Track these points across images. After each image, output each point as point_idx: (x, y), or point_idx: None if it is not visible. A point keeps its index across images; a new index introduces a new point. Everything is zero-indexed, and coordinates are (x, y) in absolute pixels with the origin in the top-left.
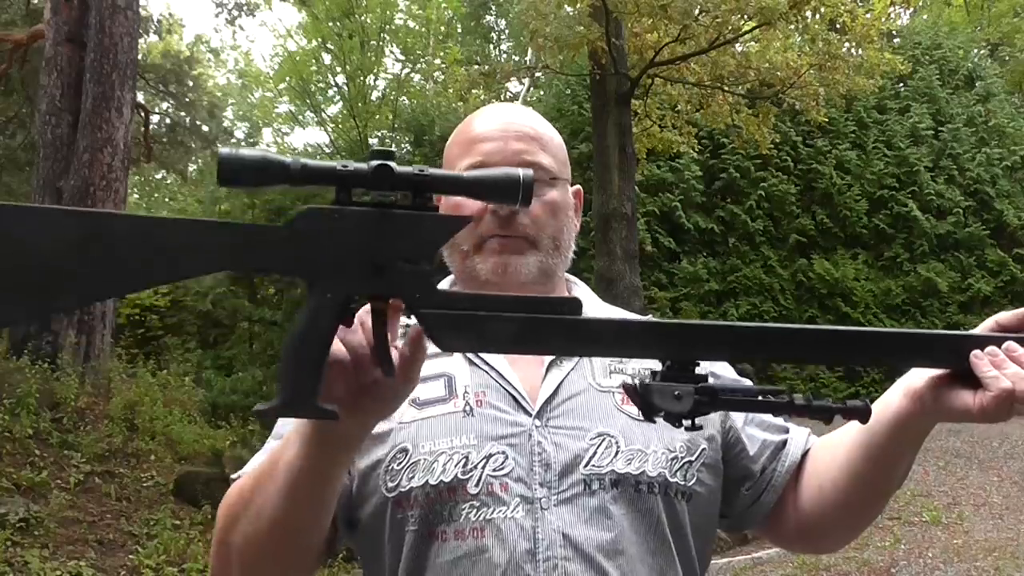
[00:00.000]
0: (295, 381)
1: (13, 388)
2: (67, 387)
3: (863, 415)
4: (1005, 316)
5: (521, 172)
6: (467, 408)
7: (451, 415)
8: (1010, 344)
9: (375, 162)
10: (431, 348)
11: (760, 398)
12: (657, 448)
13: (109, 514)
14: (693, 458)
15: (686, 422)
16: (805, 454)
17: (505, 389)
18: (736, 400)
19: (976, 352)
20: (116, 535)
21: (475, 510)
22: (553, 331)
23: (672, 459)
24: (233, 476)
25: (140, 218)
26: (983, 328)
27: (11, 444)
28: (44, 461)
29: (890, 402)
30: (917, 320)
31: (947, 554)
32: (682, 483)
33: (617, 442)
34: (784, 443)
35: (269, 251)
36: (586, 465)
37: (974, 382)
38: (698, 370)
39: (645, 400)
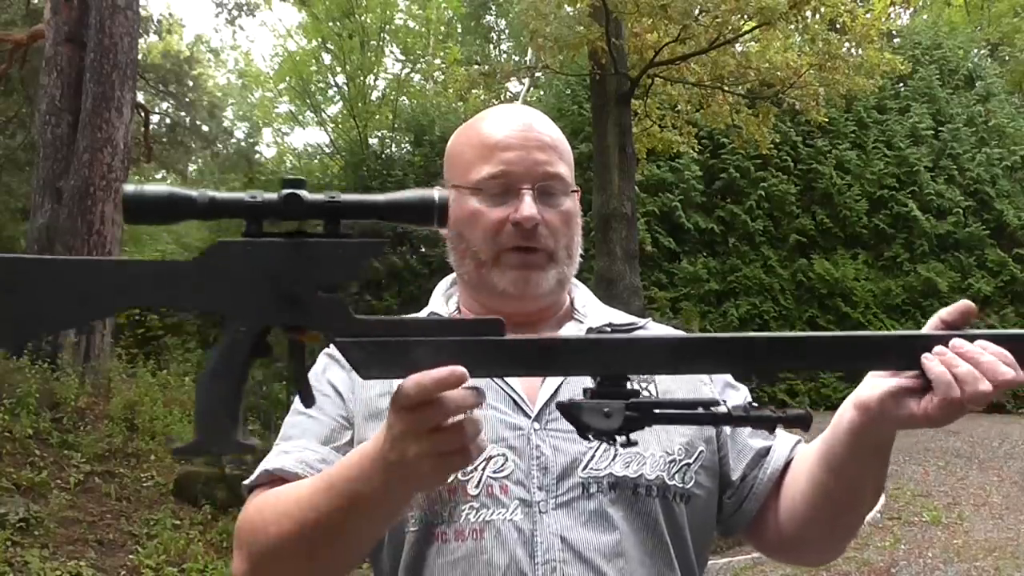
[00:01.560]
0: (213, 418)
1: (13, 388)
2: (67, 387)
3: (804, 423)
4: (948, 312)
5: (437, 194)
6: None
7: None
8: (956, 341)
9: (285, 191)
10: None
11: (699, 410)
12: (655, 451)
13: (109, 514)
14: (691, 460)
15: (620, 438)
16: (790, 463)
17: (505, 392)
18: (671, 414)
19: (926, 355)
20: (116, 535)
21: (475, 511)
22: (475, 353)
23: (670, 462)
24: (247, 482)
25: (51, 260)
26: (929, 327)
27: (11, 444)
28: (44, 461)
29: (842, 413)
30: (917, 320)
31: (947, 554)
32: (680, 485)
33: (615, 445)
34: (768, 450)
35: (179, 288)
36: (584, 468)
37: (923, 385)
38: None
39: (575, 419)
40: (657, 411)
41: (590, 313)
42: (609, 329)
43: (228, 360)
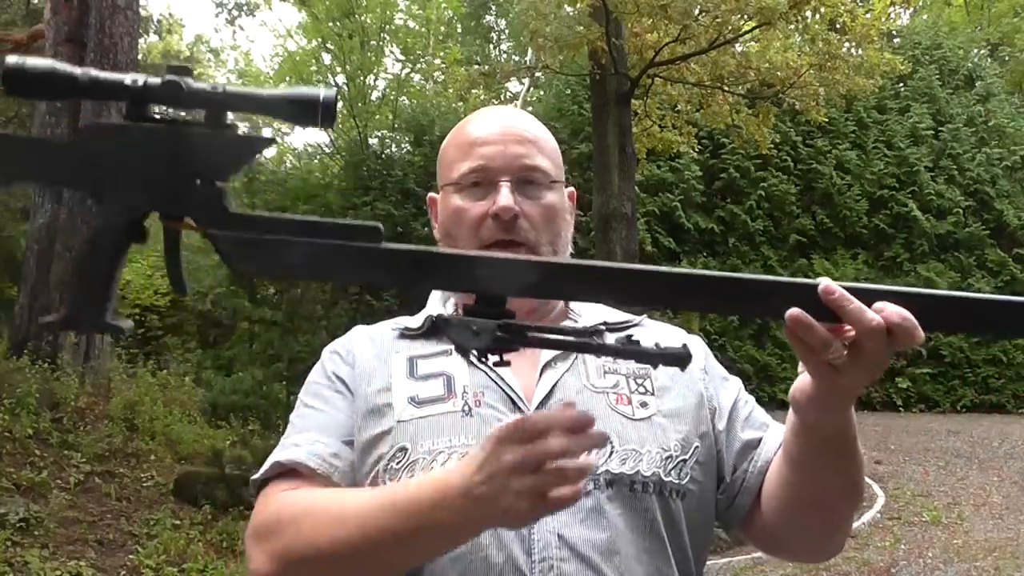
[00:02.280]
0: (81, 296)
1: (13, 388)
2: (67, 387)
3: (681, 361)
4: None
5: (322, 92)
6: (466, 408)
7: (450, 414)
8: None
9: (167, 76)
10: (430, 348)
11: (572, 338)
12: (651, 448)
13: (109, 514)
14: (687, 456)
15: (492, 357)
16: None
17: (503, 390)
18: (544, 339)
19: (826, 286)
20: (116, 535)
21: None
22: (349, 259)
23: (667, 458)
24: (256, 476)
25: None
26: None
27: (11, 444)
28: (44, 461)
29: (789, 413)
30: None
31: (947, 554)
32: (676, 481)
33: (611, 442)
34: (758, 442)
35: (54, 165)
36: None
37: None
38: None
39: (447, 335)
40: (530, 334)
41: (584, 312)
42: (604, 327)
43: (101, 242)
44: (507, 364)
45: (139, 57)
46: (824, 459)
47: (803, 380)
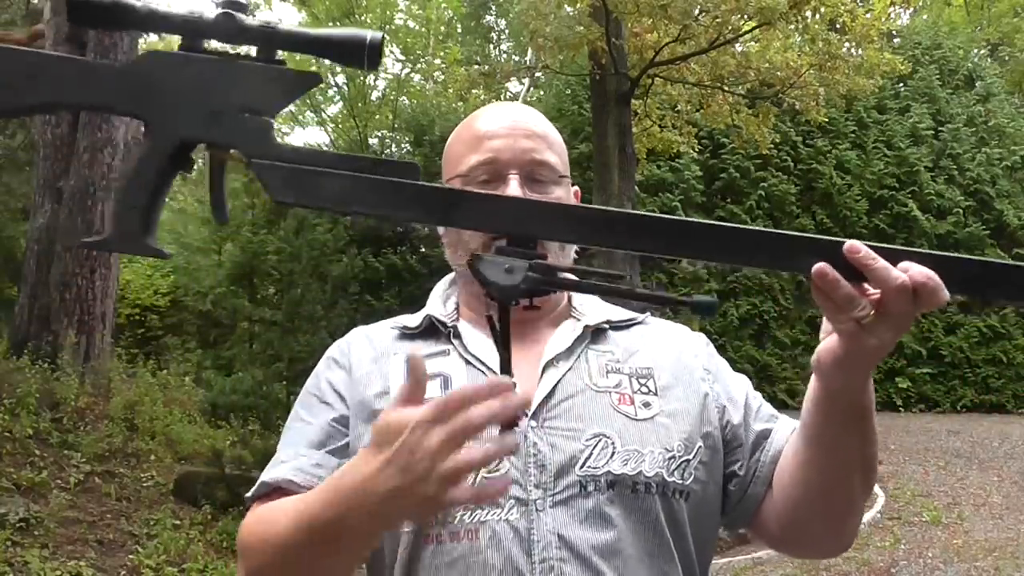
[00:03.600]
0: (126, 218)
1: (13, 388)
2: (67, 387)
3: (709, 309)
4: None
5: (370, 34)
6: None
7: None
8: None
9: (221, 10)
10: (428, 349)
11: (602, 282)
12: (654, 448)
13: (109, 514)
14: (691, 456)
15: (523, 301)
16: None
17: None
18: (574, 282)
19: (851, 244)
20: (116, 535)
21: (469, 512)
22: (386, 193)
23: (669, 458)
24: (248, 495)
25: None
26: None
27: (11, 444)
28: (44, 461)
29: (811, 381)
30: (917, 320)
31: (947, 554)
32: (680, 482)
33: (613, 443)
34: (769, 432)
35: (105, 88)
36: (582, 466)
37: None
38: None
39: (477, 272)
40: (561, 275)
41: (588, 311)
42: (607, 325)
43: (147, 166)
44: (537, 308)
45: None
46: (843, 431)
47: (829, 342)
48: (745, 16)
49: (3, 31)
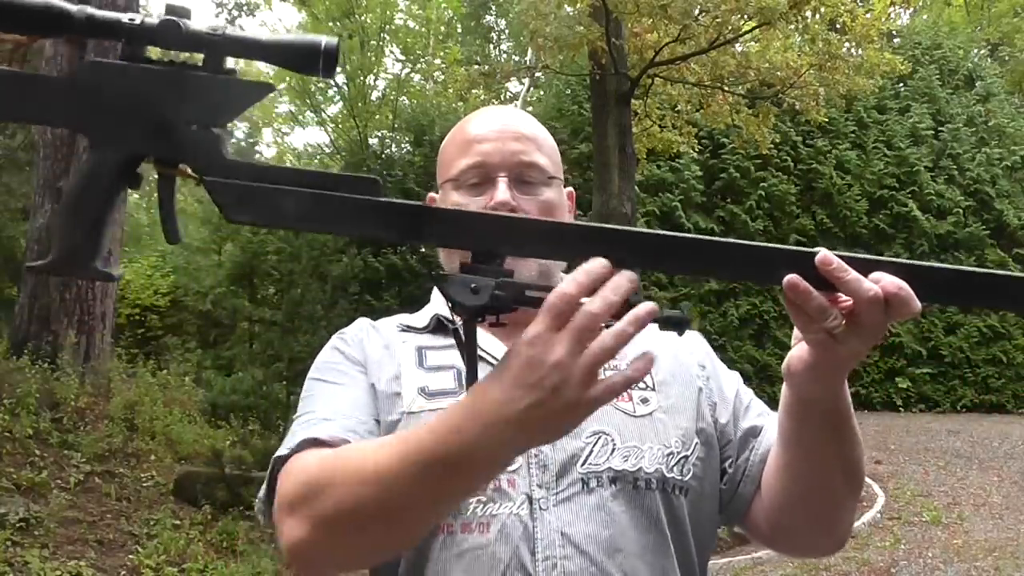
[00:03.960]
0: (72, 239)
1: (13, 388)
2: (67, 387)
3: (679, 325)
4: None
5: (324, 39)
6: None
7: None
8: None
9: (164, 16)
10: (442, 341)
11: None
12: (653, 444)
13: (109, 514)
14: (689, 452)
15: (490, 317)
16: None
17: None
18: (542, 299)
19: (823, 256)
20: (116, 535)
21: (482, 505)
22: (348, 210)
23: (668, 454)
24: (282, 452)
25: None
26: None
27: (11, 444)
28: (44, 461)
29: (783, 389)
30: (917, 320)
31: (947, 554)
32: (679, 478)
33: (613, 439)
34: (759, 430)
35: (42, 101)
36: (583, 464)
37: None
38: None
39: (443, 291)
40: (528, 293)
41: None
42: (603, 324)
43: (94, 183)
44: (503, 325)
45: None
46: (820, 436)
47: (800, 350)
48: (745, 16)
49: (2, 31)
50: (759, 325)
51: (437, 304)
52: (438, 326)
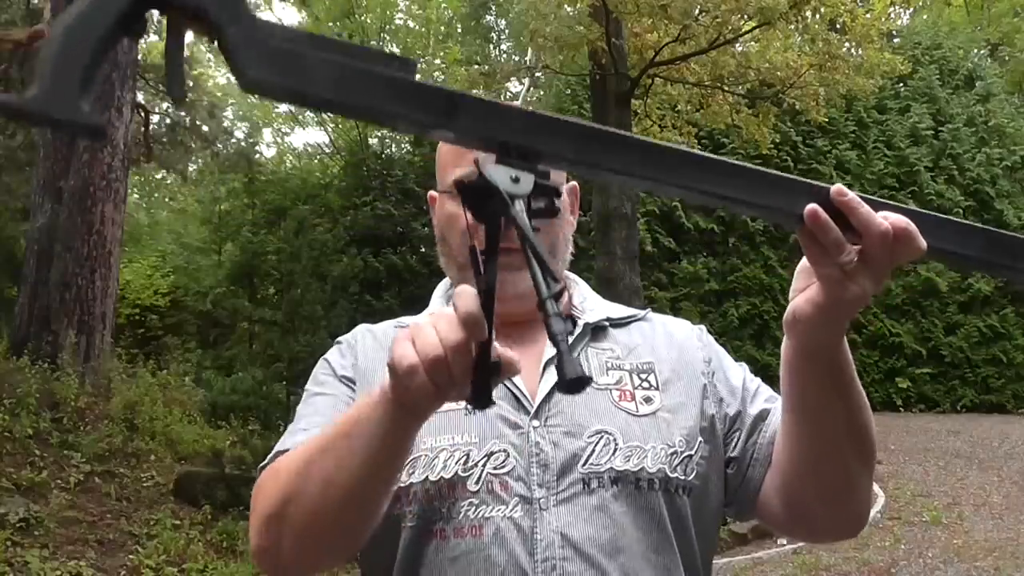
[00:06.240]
0: (61, 70)
1: (13, 388)
2: (67, 387)
3: (571, 387)
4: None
5: None
6: (468, 406)
7: (453, 412)
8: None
9: None
10: None
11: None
12: (656, 444)
13: (109, 514)
14: (692, 451)
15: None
16: None
17: (507, 388)
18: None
19: (839, 188)
20: (116, 535)
21: (474, 508)
22: (378, 87)
23: (671, 454)
24: (261, 465)
25: None
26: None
27: (11, 444)
28: (44, 461)
29: (784, 345)
30: (917, 320)
31: (947, 554)
32: (682, 478)
33: (615, 439)
34: (767, 413)
35: None
36: (584, 464)
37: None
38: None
39: (481, 177)
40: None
41: (588, 308)
42: (607, 323)
43: (91, 21)
44: (537, 230)
45: (139, 57)
46: (824, 395)
47: (808, 292)
48: (745, 16)
49: (3, 31)
50: (759, 325)
51: (436, 306)
52: None
